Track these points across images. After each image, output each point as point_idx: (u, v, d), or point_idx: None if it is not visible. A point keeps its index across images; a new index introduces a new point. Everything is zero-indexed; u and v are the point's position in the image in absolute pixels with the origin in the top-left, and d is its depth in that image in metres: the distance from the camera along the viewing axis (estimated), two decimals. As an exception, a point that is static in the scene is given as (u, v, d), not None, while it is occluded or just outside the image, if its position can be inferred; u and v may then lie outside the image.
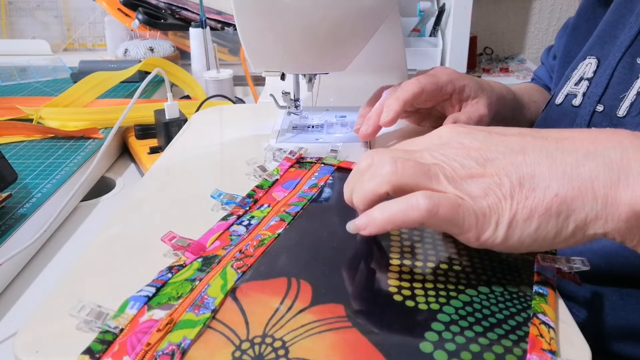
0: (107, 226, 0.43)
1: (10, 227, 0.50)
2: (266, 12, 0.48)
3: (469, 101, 0.56)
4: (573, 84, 0.55)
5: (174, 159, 0.57)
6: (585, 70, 0.55)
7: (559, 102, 0.56)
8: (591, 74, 0.54)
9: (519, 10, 1.62)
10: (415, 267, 0.35)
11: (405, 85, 0.53)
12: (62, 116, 0.74)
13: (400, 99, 0.52)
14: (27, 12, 1.34)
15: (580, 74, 0.55)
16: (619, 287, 0.46)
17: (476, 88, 0.56)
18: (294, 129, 0.61)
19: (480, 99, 0.56)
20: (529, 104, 0.67)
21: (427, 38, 1.29)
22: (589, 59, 0.55)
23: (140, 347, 0.29)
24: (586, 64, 0.55)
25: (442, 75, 0.54)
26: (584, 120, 0.52)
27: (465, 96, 0.55)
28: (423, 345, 0.29)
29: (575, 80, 0.55)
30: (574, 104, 0.54)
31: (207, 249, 0.38)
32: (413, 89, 0.52)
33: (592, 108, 0.51)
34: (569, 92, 0.56)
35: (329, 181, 0.48)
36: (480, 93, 0.56)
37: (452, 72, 0.55)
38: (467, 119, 0.55)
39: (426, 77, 0.53)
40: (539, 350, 0.28)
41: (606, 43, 0.54)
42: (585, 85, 0.53)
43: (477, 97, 0.56)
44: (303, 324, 0.30)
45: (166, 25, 1.11)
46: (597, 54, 0.55)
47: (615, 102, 0.50)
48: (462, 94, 0.55)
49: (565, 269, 0.36)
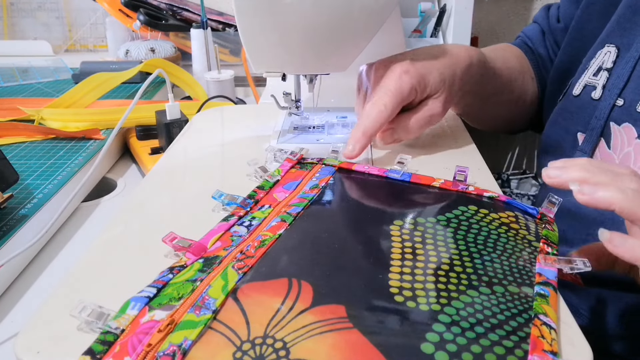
0: (108, 227, 0.43)
1: (12, 228, 0.50)
2: (267, 12, 0.48)
3: (429, 99, 0.54)
4: (592, 74, 0.53)
5: (175, 159, 0.57)
6: (604, 59, 0.53)
7: (576, 94, 0.54)
8: (610, 63, 0.52)
9: (520, 10, 1.62)
10: (416, 268, 0.35)
11: (371, 112, 0.51)
12: (63, 117, 0.74)
13: (367, 133, 0.51)
14: (28, 13, 1.34)
15: (599, 63, 0.53)
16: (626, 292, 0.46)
17: (437, 84, 0.53)
18: (295, 130, 0.61)
19: (441, 94, 0.54)
20: (501, 69, 0.64)
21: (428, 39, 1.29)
22: (608, 47, 0.53)
23: (141, 347, 0.29)
24: (605, 52, 0.53)
25: (406, 87, 0.51)
26: (603, 114, 0.50)
27: (427, 95, 0.54)
28: (424, 346, 0.29)
29: (594, 70, 0.53)
30: (593, 96, 0.52)
31: (208, 250, 0.38)
32: (380, 119, 0.51)
33: (612, 101, 0.49)
34: (587, 83, 0.54)
35: (330, 182, 0.48)
36: (441, 87, 0.53)
37: (413, 74, 0.52)
38: (414, 122, 0.53)
39: (392, 98, 0.51)
40: (540, 351, 0.28)
41: (626, 30, 0.52)
42: (605, 76, 0.52)
43: (437, 92, 0.54)
44: (304, 325, 0.30)
45: (167, 26, 1.11)
46: (616, 41, 0.53)
47: (637, 96, 0.48)
48: (423, 93, 0.53)
49: (567, 270, 0.36)
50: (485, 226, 0.41)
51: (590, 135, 0.51)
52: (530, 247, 0.39)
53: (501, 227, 0.41)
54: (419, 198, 0.46)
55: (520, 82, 0.67)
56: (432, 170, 0.50)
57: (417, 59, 0.53)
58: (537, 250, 0.38)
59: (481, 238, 0.39)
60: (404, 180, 0.48)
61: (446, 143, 0.58)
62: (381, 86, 0.52)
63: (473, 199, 0.45)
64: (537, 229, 0.42)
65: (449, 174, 0.48)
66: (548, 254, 0.38)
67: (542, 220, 0.43)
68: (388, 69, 0.53)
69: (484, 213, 0.42)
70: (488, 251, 0.38)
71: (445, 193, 0.46)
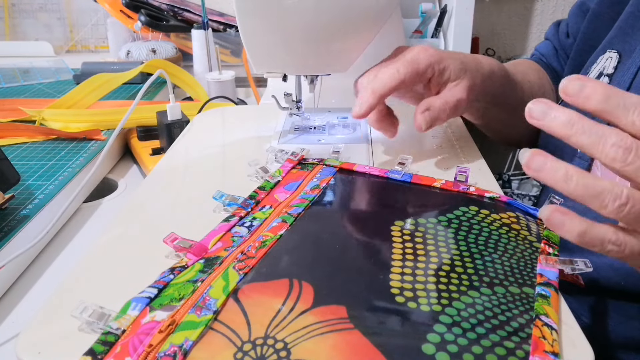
0: (109, 227, 0.43)
1: (13, 229, 0.50)
2: (268, 13, 0.48)
3: (448, 84, 0.52)
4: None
5: (176, 160, 0.57)
6: (606, 65, 0.52)
7: None
8: (611, 69, 0.51)
9: (521, 11, 1.62)
10: (417, 269, 0.35)
11: (383, 75, 0.49)
12: (64, 118, 0.74)
13: (376, 93, 0.48)
14: (29, 14, 1.34)
15: (600, 68, 0.52)
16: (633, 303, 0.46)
17: (458, 70, 0.52)
18: (296, 130, 0.61)
19: (462, 80, 0.52)
20: (522, 83, 0.63)
21: (429, 39, 1.29)
22: (610, 52, 0.52)
23: (142, 348, 0.29)
24: (606, 57, 0.52)
25: (423, 60, 0.50)
26: (603, 122, 0.50)
27: (445, 79, 0.52)
28: (425, 347, 0.29)
29: (595, 75, 0.53)
30: None
31: (209, 250, 0.38)
32: (391, 82, 0.48)
33: None
34: None
35: (330, 182, 0.48)
36: (462, 74, 0.52)
37: (433, 54, 0.51)
38: (442, 104, 0.51)
39: (406, 65, 0.49)
40: (541, 352, 0.28)
41: (628, 36, 0.52)
42: (606, 82, 0.51)
43: (457, 79, 0.52)
44: (305, 326, 0.30)
45: (168, 26, 1.11)
46: (618, 47, 0.52)
47: None
48: (442, 77, 0.51)
49: (568, 271, 0.36)
50: (486, 227, 0.41)
51: None
52: (532, 247, 0.39)
53: (502, 227, 0.41)
54: (420, 199, 0.46)
55: (541, 95, 0.66)
56: (433, 171, 0.50)
57: (438, 49, 0.52)
58: (538, 250, 0.38)
59: (482, 239, 0.39)
60: (404, 181, 0.48)
61: (447, 144, 0.58)
62: (397, 56, 0.51)
63: (474, 200, 0.45)
64: (538, 229, 0.42)
65: (450, 175, 0.48)
66: (549, 254, 0.38)
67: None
68: (405, 49, 0.51)
69: (485, 214, 0.42)
70: (489, 252, 0.38)
71: (446, 194, 0.46)
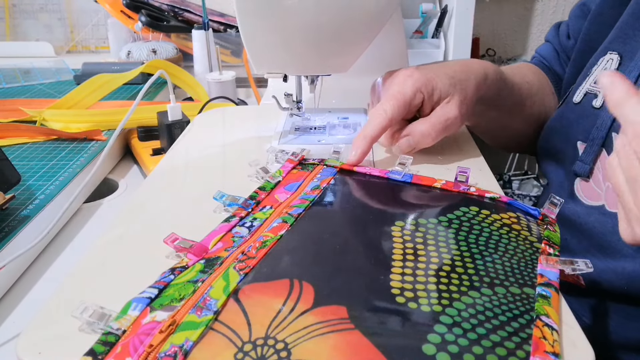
0: (110, 228, 0.43)
1: (14, 229, 0.50)
2: (268, 14, 0.48)
3: (440, 103, 0.52)
4: (593, 82, 0.52)
5: (177, 160, 0.57)
6: (606, 67, 0.52)
7: (577, 101, 0.53)
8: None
9: (521, 11, 1.62)
10: (417, 269, 0.35)
11: (372, 118, 0.51)
12: (65, 118, 0.74)
13: (367, 137, 0.50)
14: (30, 15, 1.34)
15: (600, 70, 0.52)
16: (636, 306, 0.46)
17: (447, 87, 0.52)
18: (297, 131, 0.61)
19: (453, 97, 0.52)
20: (520, 84, 0.63)
21: (429, 40, 1.29)
22: (610, 54, 0.52)
23: (143, 348, 0.29)
24: (607, 59, 0.52)
25: (409, 88, 0.51)
26: (604, 124, 0.49)
27: (436, 99, 0.52)
28: (425, 347, 0.29)
29: (595, 77, 0.52)
30: (594, 105, 0.51)
31: (210, 251, 0.38)
32: (381, 123, 0.50)
33: None
34: (588, 91, 0.52)
35: (331, 183, 0.48)
36: (452, 90, 0.52)
37: (418, 78, 0.51)
38: (427, 129, 0.51)
39: (392, 103, 0.50)
40: (542, 352, 0.28)
41: (629, 37, 0.51)
42: None
43: (448, 96, 0.52)
44: (305, 326, 0.30)
45: (169, 27, 1.11)
46: (619, 49, 0.52)
47: None
48: (432, 97, 0.52)
49: (569, 271, 0.35)
50: (487, 227, 0.41)
51: (591, 146, 0.50)
52: (532, 248, 0.39)
53: (503, 228, 0.41)
54: (421, 199, 0.46)
55: (540, 97, 0.66)
56: (433, 171, 0.50)
57: (425, 67, 0.53)
58: (538, 251, 0.38)
59: (483, 239, 0.39)
60: (405, 181, 0.48)
61: (447, 144, 0.57)
62: (384, 92, 0.52)
63: (474, 200, 0.45)
64: (539, 230, 0.42)
65: (451, 175, 0.48)
66: (550, 255, 0.38)
67: (544, 221, 0.43)
68: (392, 76, 0.52)
69: (485, 214, 0.42)
70: (489, 252, 0.38)
71: (447, 194, 0.46)
